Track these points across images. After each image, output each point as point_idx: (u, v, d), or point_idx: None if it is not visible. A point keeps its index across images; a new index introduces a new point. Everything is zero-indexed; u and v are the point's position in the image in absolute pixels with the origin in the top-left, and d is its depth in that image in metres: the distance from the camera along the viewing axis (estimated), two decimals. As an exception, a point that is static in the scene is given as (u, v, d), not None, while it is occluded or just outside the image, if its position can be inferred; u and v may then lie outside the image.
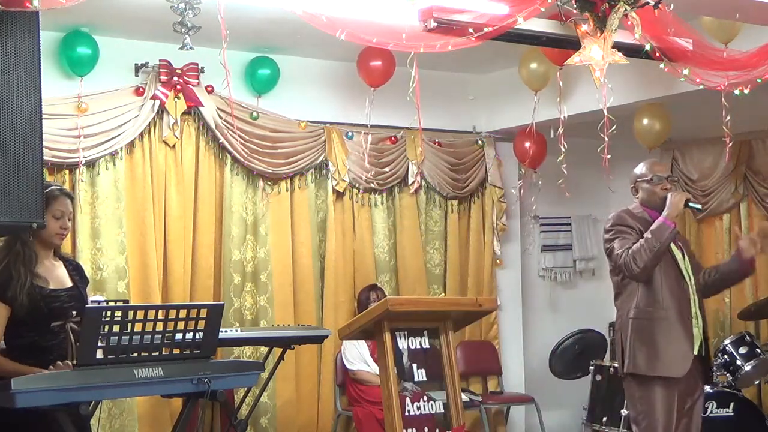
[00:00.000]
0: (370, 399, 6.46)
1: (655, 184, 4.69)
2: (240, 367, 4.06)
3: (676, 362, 4.52)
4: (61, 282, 3.81)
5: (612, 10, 4.11)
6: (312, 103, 6.89)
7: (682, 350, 4.54)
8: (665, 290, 4.56)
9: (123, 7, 5.52)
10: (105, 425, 5.85)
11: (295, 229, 6.76)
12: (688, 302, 4.59)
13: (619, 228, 4.61)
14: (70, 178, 5.98)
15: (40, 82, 3.59)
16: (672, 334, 4.54)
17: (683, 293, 4.59)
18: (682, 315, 4.56)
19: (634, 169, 4.83)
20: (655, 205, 4.65)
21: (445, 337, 5.11)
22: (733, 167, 7.50)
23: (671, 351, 4.53)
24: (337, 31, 3.99)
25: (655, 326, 4.55)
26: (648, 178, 4.71)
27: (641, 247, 4.46)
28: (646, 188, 4.72)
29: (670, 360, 4.52)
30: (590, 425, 6.67)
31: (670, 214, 4.51)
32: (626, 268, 4.52)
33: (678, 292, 4.59)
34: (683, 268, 4.64)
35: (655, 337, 4.55)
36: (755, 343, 6.36)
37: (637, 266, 4.46)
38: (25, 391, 3.32)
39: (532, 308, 8.14)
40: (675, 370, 4.51)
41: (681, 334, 4.54)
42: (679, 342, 4.54)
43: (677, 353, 4.53)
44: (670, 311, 4.55)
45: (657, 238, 4.44)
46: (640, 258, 4.45)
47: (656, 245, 4.43)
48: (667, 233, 4.45)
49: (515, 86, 6.97)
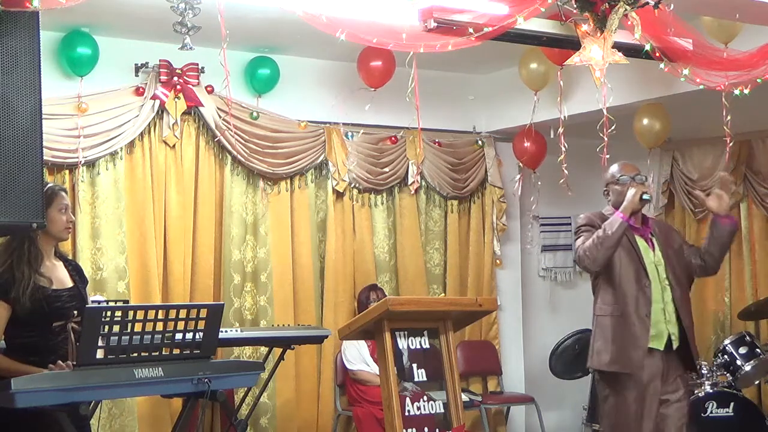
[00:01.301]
0: (370, 399, 6.46)
1: (621, 184, 4.73)
2: (240, 367, 4.07)
3: (628, 357, 4.56)
4: (62, 282, 3.82)
5: (612, 10, 4.11)
6: (312, 103, 6.89)
7: (634, 346, 4.57)
8: (622, 287, 4.62)
9: (123, 7, 5.52)
10: (105, 425, 5.85)
11: (295, 229, 6.77)
12: (646, 299, 4.60)
13: (587, 227, 4.70)
14: (70, 178, 5.98)
15: (40, 82, 3.59)
16: (626, 331, 4.59)
17: (642, 290, 4.61)
18: (638, 312, 4.59)
19: (606, 173, 4.88)
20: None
21: (445, 337, 5.11)
22: (733, 167, 7.49)
23: (623, 346, 4.59)
24: (337, 31, 3.99)
25: (612, 323, 4.64)
26: (616, 179, 4.77)
27: (593, 240, 4.56)
28: (615, 190, 4.77)
29: (622, 355, 4.58)
30: (590, 425, 6.68)
31: (626, 207, 4.58)
32: (580, 262, 4.67)
33: (635, 289, 4.62)
34: (649, 264, 4.66)
35: (612, 334, 4.63)
36: (755, 343, 6.36)
37: (587, 257, 4.57)
38: (25, 391, 3.32)
39: (532, 308, 8.14)
40: (627, 366, 4.56)
41: (634, 331, 4.58)
42: (631, 338, 4.58)
43: (629, 349, 4.57)
44: (626, 308, 4.60)
45: (607, 231, 4.53)
46: (590, 250, 4.55)
47: (604, 237, 4.52)
48: (616, 225, 4.52)
49: (515, 86, 6.97)
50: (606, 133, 4.96)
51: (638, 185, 4.68)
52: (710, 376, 6.17)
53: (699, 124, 7.14)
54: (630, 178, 4.73)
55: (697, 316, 7.52)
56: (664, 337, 4.61)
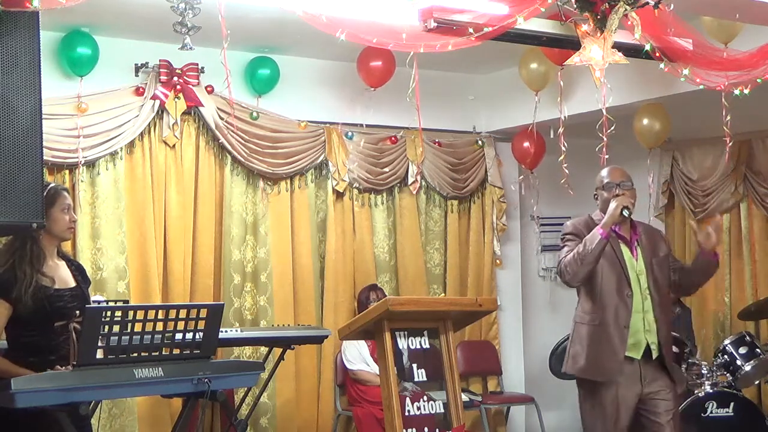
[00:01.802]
0: (370, 399, 6.46)
1: (606, 190, 4.70)
2: (240, 367, 4.07)
3: (603, 368, 4.57)
4: (64, 282, 3.82)
5: (612, 10, 4.11)
6: (312, 103, 6.89)
7: (610, 355, 4.57)
8: (603, 296, 4.61)
9: (123, 7, 5.52)
10: (105, 425, 5.85)
11: (295, 229, 6.76)
12: (626, 309, 4.59)
13: (570, 236, 4.68)
14: (70, 178, 5.98)
15: (40, 82, 3.60)
16: (602, 340, 4.59)
17: (622, 300, 4.59)
18: (617, 322, 4.57)
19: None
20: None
21: (445, 337, 5.11)
22: (733, 167, 7.49)
23: (599, 355, 4.59)
24: (337, 31, 3.99)
25: (590, 331, 4.64)
26: (602, 185, 4.74)
27: (573, 256, 4.55)
28: (601, 195, 4.75)
29: (598, 365, 4.59)
30: (590, 425, 6.66)
31: (606, 222, 4.54)
32: (560, 275, 4.66)
33: (616, 299, 4.60)
34: (632, 273, 4.64)
35: (588, 341, 4.64)
36: (755, 343, 6.36)
37: (568, 274, 4.58)
38: (25, 391, 3.33)
39: (532, 308, 8.13)
40: (601, 374, 4.58)
41: (613, 341, 4.57)
42: (608, 347, 4.57)
43: (604, 358, 4.58)
44: (605, 317, 4.59)
45: (586, 247, 4.51)
46: (570, 266, 4.55)
47: (585, 254, 4.50)
48: (596, 242, 4.50)
49: (515, 86, 6.97)
50: (606, 133, 4.96)
51: (621, 196, 4.62)
52: (710, 376, 6.16)
53: (699, 124, 7.13)
54: (615, 184, 4.67)
55: (697, 316, 7.58)
56: (642, 347, 4.60)
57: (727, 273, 7.60)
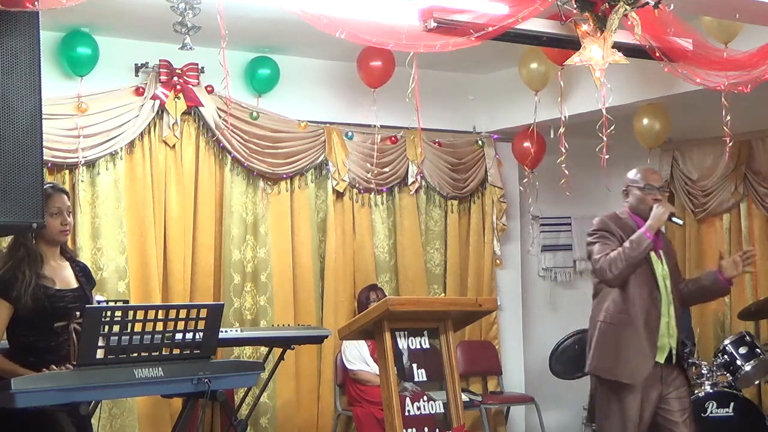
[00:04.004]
0: (370, 399, 6.46)
1: (646, 192, 4.71)
2: (240, 367, 4.07)
3: (634, 369, 4.57)
4: (66, 282, 3.81)
5: (612, 10, 4.11)
6: (312, 103, 6.89)
7: (642, 358, 4.57)
8: (636, 299, 4.60)
9: (123, 7, 5.52)
10: (105, 425, 5.86)
11: (295, 229, 6.76)
12: (657, 312, 4.61)
13: (602, 233, 4.67)
14: (70, 178, 5.98)
15: (40, 82, 3.60)
16: (634, 343, 4.58)
17: (654, 302, 4.61)
18: (649, 324, 4.59)
19: (628, 172, 4.86)
20: (642, 213, 4.69)
21: (445, 337, 5.11)
22: (733, 167, 7.49)
23: (631, 358, 4.58)
24: (337, 31, 3.99)
25: (620, 332, 4.62)
26: (641, 185, 4.73)
27: (617, 256, 4.53)
28: (636, 195, 4.74)
29: (627, 367, 4.58)
30: (590, 425, 6.67)
31: (652, 226, 4.56)
32: (601, 273, 4.62)
33: (648, 302, 4.61)
34: (659, 277, 4.65)
35: (617, 343, 4.61)
36: (755, 343, 6.36)
37: (611, 273, 4.55)
38: (25, 391, 3.32)
39: (532, 308, 8.14)
40: (631, 377, 4.57)
41: (644, 343, 4.57)
42: (641, 350, 4.58)
43: (636, 361, 4.57)
44: (637, 319, 4.59)
45: (633, 249, 4.51)
46: (615, 266, 4.53)
47: (632, 255, 4.51)
48: (644, 245, 4.52)
49: (515, 86, 6.97)
50: (606, 133, 4.95)
51: (666, 202, 4.66)
52: (710, 376, 6.16)
53: (699, 124, 7.13)
54: (656, 188, 4.70)
55: (697, 316, 7.58)
56: (666, 350, 4.62)
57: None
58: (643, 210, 4.69)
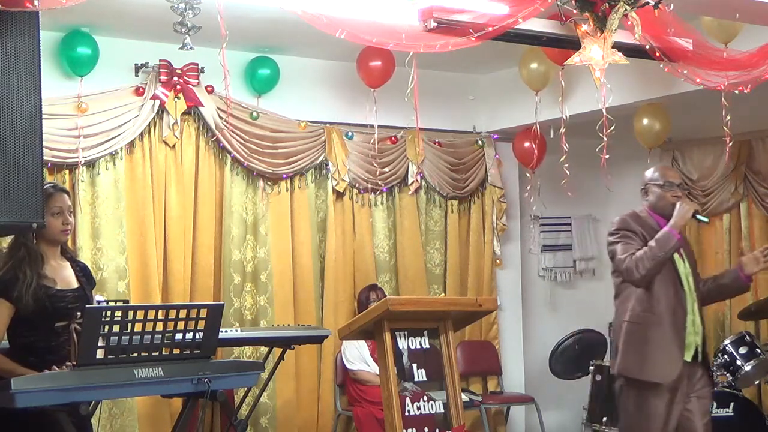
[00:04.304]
0: (370, 399, 6.46)
1: (666, 190, 4.67)
2: (240, 367, 4.06)
3: (664, 368, 4.53)
4: (67, 282, 3.82)
5: (612, 10, 4.11)
6: (312, 103, 6.89)
7: (671, 357, 4.54)
8: (662, 297, 4.57)
9: (123, 7, 5.52)
10: (105, 425, 5.86)
11: (295, 229, 6.77)
12: (683, 310, 4.58)
13: (624, 232, 4.62)
14: (70, 178, 5.98)
15: (40, 82, 3.60)
16: (663, 341, 4.55)
17: (679, 301, 4.59)
18: (675, 323, 4.56)
19: (646, 171, 4.83)
20: (662, 211, 4.65)
21: (445, 337, 5.11)
22: (733, 167, 7.49)
23: (660, 357, 4.54)
24: (337, 31, 3.99)
25: (647, 331, 4.58)
26: (660, 183, 4.69)
27: (644, 255, 4.48)
28: (656, 192, 4.70)
29: (658, 366, 4.54)
30: (590, 425, 6.67)
31: (677, 224, 4.52)
32: (627, 274, 4.55)
33: (674, 299, 4.58)
34: (683, 275, 4.63)
35: (646, 341, 4.57)
36: (755, 343, 6.36)
37: (638, 273, 4.49)
38: (25, 391, 3.32)
39: (532, 308, 8.14)
40: (661, 376, 4.53)
41: (672, 342, 4.55)
42: (669, 349, 4.55)
43: (665, 360, 4.54)
44: (664, 318, 4.56)
45: (661, 248, 4.47)
46: (642, 265, 4.48)
47: (659, 254, 4.46)
48: (671, 244, 4.47)
49: (515, 86, 6.97)
50: (606, 133, 4.95)
51: (688, 200, 4.63)
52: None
53: (699, 124, 7.13)
54: (676, 185, 4.68)
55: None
56: (693, 349, 4.59)
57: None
58: (663, 207, 4.65)
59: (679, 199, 4.64)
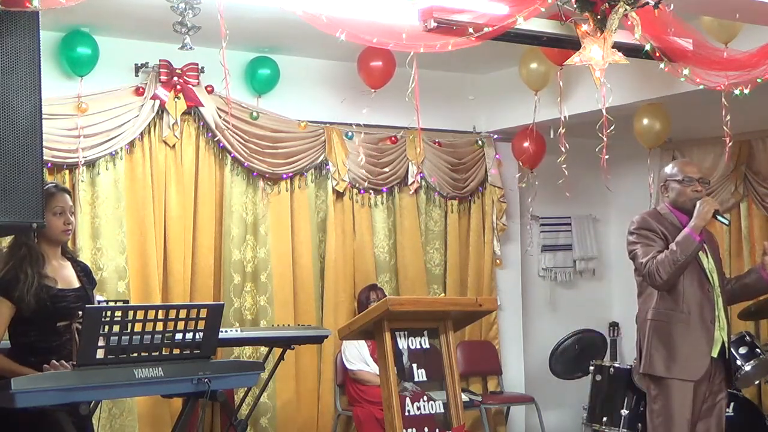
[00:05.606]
0: (370, 399, 6.46)
1: (685, 185, 4.59)
2: (240, 367, 4.07)
3: (692, 365, 4.48)
4: (68, 282, 3.82)
5: (612, 10, 4.11)
6: (312, 103, 6.89)
7: (699, 353, 4.48)
8: (687, 293, 4.51)
9: (123, 7, 5.53)
10: (105, 425, 5.86)
11: (295, 229, 6.77)
12: (711, 305, 4.52)
13: (644, 233, 4.55)
14: (70, 178, 5.98)
15: (40, 82, 3.60)
16: (690, 337, 4.49)
17: (706, 296, 4.52)
18: (703, 318, 4.50)
19: (664, 168, 4.79)
20: (683, 207, 4.58)
21: (445, 337, 5.11)
22: (733, 167, 7.49)
23: (688, 354, 4.48)
24: (337, 31, 3.99)
25: (672, 328, 4.51)
26: (679, 178, 4.61)
27: (665, 259, 4.41)
28: (676, 188, 4.62)
29: (686, 363, 4.48)
30: (590, 425, 6.67)
31: (697, 225, 4.44)
32: (650, 278, 4.48)
33: (700, 295, 4.52)
34: (708, 270, 4.57)
35: (672, 339, 4.51)
36: (755, 343, 6.35)
37: (660, 278, 4.43)
38: (25, 391, 3.32)
39: (532, 308, 8.14)
40: (690, 373, 4.47)
41: (700, 338, 4.49)
42: (697, 345, 4.49)
43: (694, 356, 4.48)
44: (691, 314, 4.50)
45: (682, 252, 4.40)
46: (663, 270, 4.41)
47: (680, 259, 4.39)
48: (692, 247, 4.40)
49: (515, 86, 6.97)
50: (606, 133, 4.95)
51: (709, 198, 4.57)
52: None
53: (699, 124, 7.13)
54: (695, 179, 4.59)
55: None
56: (719, 345, 4.55)
57: (728, 273, 7.58)
58: (684, 203, 4.58)
59: (699, 193, 4.57)
